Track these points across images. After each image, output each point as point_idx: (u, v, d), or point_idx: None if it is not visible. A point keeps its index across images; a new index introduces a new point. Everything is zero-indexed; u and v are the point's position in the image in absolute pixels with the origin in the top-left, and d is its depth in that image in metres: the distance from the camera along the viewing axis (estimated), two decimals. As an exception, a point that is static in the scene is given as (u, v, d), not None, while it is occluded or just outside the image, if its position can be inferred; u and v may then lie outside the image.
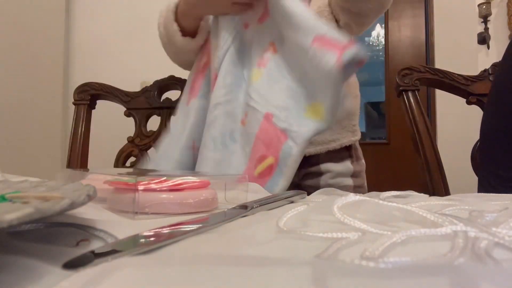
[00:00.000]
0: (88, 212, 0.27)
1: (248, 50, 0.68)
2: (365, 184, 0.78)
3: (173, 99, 0.96)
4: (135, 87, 1.05)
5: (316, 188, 0.66)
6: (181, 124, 0.72)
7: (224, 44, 0.68)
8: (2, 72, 1.64)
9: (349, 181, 0.74)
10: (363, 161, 0.79)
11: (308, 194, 0.43)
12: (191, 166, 0.68)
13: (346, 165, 0.75)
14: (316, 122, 0.56)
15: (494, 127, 0.63)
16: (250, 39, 0.69)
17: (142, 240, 0.21)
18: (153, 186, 0.32)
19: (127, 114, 0.97)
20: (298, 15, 0.58)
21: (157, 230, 0.23)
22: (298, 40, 0.58)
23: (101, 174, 0.38)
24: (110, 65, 2.00)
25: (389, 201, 0.29)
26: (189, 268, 0.15)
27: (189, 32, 0.76)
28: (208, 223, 0.26)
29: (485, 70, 0.84)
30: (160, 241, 0.21)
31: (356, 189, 0.74)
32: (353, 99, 0.79)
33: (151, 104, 0.96)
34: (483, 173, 0.67)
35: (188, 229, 0.24)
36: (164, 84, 0.98)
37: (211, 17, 0.77)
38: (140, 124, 0.95)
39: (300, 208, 0.30)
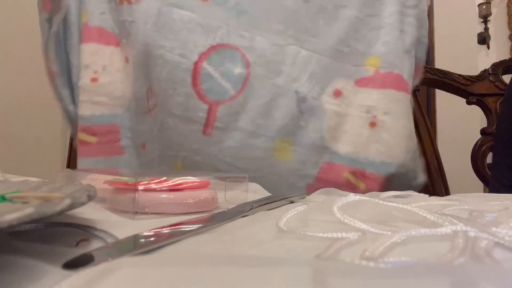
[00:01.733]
0: (88, 212, 0.27)
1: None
2: None
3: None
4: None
5: None
6: None
7: None
8: (2, 72, 1.64)
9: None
10: None
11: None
12: None
13: None
14: None
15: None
16: None
17: (142, 240, 0.21)
18: (153, 186, 0.32)
19: (127, 114, 0.97)
20: None
21: (157, 230, 0.23)
22: None
23: (101, 174, 0.38)
24: (110, 65, 2.00)
25: (389, 201, 0.29)
26: (189, 268, 0.15)
27: None
28: (208, 223, 0.26)
29: (485, 70, 0.84)
30: (160, 241, 0.21)
31: None
32: None
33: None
34: (495, 174, 0.68)
35: (188, 229, 0.24)
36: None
37: None
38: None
39: (300, 208, 0.30)
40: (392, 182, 0.59)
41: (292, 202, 0.38)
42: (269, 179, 0.57)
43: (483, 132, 0.82)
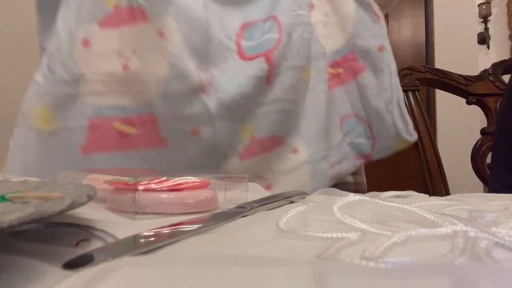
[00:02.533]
0: (88, 212, 0.27)
1: None
2: (365, 181, 0.78)
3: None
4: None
5: None
6: None
7: None
8: (2, 72, 1.64)
9: (349, 178, 0.75)
10: None
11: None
12: None
13: None
14: None
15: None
16: None
17: (142, 240, 0.21)
18: (153, 186, 0.32)
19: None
20: None
21: (157, 230, 0.23)
22: None
23: (101, 174, 0.38)
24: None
25: (389, 201, 0.29)
26: (189, 268, 0.15)
27: None
28: (208, 223, 0.26)
29: (485, 70, 0.84)
30: (160, 241, 0.21)
31: (357, 185, 0.75)
32: None
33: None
34: (495, 174, 0.68)
35: (188, 229, 0.24)
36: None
37: None
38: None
39: (300, 208, 0.30)
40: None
41: (292, 202, 0.38)
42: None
43: (483, 132, 0.82)
